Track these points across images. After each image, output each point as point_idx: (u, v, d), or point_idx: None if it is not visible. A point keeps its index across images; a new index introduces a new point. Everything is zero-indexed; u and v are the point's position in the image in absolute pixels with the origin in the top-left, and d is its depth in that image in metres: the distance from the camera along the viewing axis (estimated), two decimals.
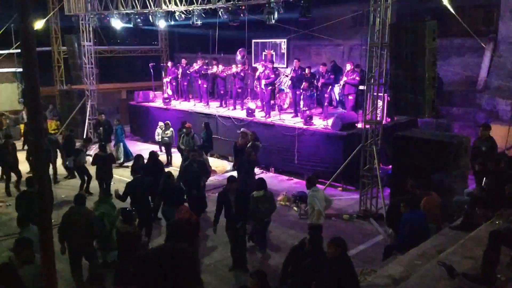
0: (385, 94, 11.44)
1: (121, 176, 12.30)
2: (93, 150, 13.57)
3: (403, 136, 10.17)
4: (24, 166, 11.96)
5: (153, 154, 10.28)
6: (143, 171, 9.34)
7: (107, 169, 10.99)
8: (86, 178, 11.59)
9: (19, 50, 13.65)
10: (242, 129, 12.35)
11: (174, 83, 17.83)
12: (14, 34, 15.96)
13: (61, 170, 12.98)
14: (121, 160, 14.38)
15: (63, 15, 18.54)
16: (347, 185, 11.95)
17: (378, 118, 10.80)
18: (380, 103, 11.11)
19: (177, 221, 6.95)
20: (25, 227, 6.62)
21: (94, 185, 11.40)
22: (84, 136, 12.73)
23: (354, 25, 16.12)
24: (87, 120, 17.94)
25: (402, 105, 9.15)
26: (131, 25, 16.31)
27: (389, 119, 12.72)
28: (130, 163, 12.28)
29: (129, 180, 9.00)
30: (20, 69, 17.54)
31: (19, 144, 14.50)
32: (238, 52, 16.79)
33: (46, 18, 18.60)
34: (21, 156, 12.42)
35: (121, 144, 14.66)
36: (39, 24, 16.13)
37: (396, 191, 9.49)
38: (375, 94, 10.28)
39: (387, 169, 11.71)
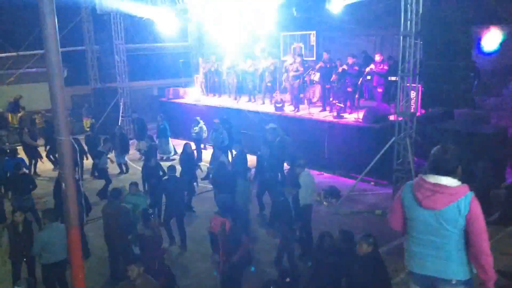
0: (418, 85, 11.09)
1: None
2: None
3: (438, 128, 9.83)
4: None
5: (185, 147, 10.75)
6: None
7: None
8: (105, 181, 11.53)
9: None
10: (271, 124, 12.25)
11: (204, 79, 17.90)
12: None
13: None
14: (172, 154, 14.65)
15: (96, 14, 18.91)
16: (380, 180, 11.66)
17: (412, 110, 10.46)
18: (413, 94, 10.76)
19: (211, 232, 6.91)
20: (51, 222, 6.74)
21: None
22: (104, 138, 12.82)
23: (387, 14, 15.65)
24: (120, 118, 18.27)
25: (437, 96, 8.87)
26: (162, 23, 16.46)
27: (423, 111, 12.32)
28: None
29: (164, 179, 9.12)
30: None
31: None
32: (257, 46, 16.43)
33: (79, 18, 19.05)
34: None
35: (169, 138, 14.93)
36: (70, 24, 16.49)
37: None
38: (408, 85, 9.96)
39: (421, 162, 11.34)
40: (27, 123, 17.19)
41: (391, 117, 11.65)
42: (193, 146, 14.83)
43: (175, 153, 14.81)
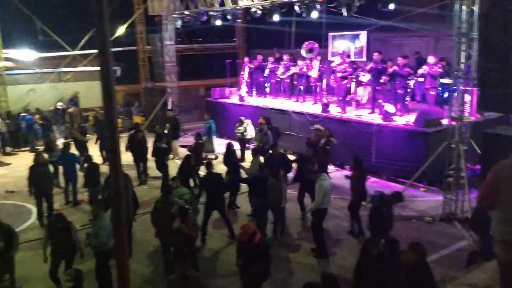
0: (474, 89, 10.59)
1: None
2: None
3: (493, 134, 9.34)
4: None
5: (228, 146, 10.94)
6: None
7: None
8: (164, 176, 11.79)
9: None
10: (316, 125, 12.10)
11: (249, 80, 17.98)
12: None
13: None
14: (215, 152, 14.89)
15: (148, 15, 19.49)
16: (430, 186, 11.24)
17: (466, 114, 10.00)
18: (468, 98, 10.28)
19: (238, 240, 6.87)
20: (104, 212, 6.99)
21: None
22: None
23: (441, 14, 15.09)
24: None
25: (492, 100, 8.45)
26: (210, 23, 16.67)
27: (478, 115, 11.76)
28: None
29: (203, 176, 9.22)
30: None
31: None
32: (306, 46, 16.22)
33: (132, 19, 19.69)
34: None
35: (213, 137, 15.16)
36: (122, 28, 17.01)
37: None
38: (463, 88, 9.53)
39: (475, 169, 10.84)
40: (77, 119, 17.92)
41: (444, 121, 11.24)
42: (237, 146, 15.02)
43: (218, 152, 14.93)
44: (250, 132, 14.21)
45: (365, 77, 14.02)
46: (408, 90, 12.98)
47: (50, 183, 10.19)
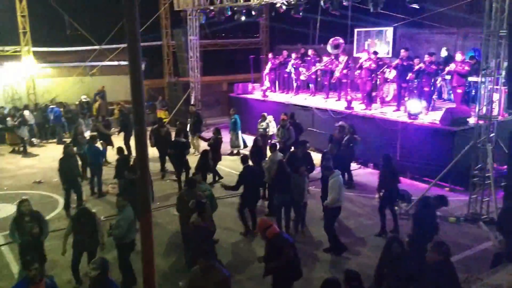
0: (502, 87, 10.34)
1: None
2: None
3: None
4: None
5: (256, 141, 11.22)
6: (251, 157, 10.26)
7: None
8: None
9: None
10: (340, 122, 12.01)
11: (272, 75, 17.95)
12: None
13: None
14: (241, 147, 14.97)
15: (173, 10, 19.63)
16: (455, 186, 11.04)
17: (494, 113, 9.78)
18: (496, 96, 10.05)
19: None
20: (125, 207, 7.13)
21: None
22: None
23: (470, 11, 14.76)
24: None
25: None
26: (234, 19, 16.70)
27: (505, 114, 11.48)
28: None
29: (241, 170, 9.25)
30: None
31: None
32: (332, 42, 16.06)
33: (157, 14, 19.86)
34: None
35: (239, 132, 15.16)
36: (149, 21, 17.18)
37: (511, 194, 8.55)
38: (491, 86, 9.32)
39: (501, 169, 10.59)
40: (103, 112, 18.21)
41: (471, 120, 11.04)
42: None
43: (245, 147, 15.03)
44: (272, 128, 14.20)
45: (391, 74, 13.83)
46: (435, 88, 12.74)
47: (79, 175, 10.45)
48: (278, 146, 12.43)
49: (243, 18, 16.38)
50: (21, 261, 6.40)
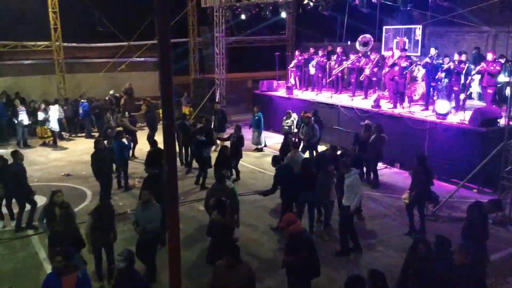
0: None
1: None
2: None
3: None
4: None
5: (286, 136, 11.59)
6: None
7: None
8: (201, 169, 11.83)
9: None
10: (366, 121, 11.88)
11: (298, 73, 17.88)
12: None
13: None
14: (262, 145, 15.01)
15: (200, 7, 19.76)
16: (484, 187, 10.79)
17: None
18: None
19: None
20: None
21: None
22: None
23: (502, 10, 14.35)
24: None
25: None
26: (260, 16, 16.70)
27: None
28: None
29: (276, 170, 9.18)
30: None
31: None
32: (361, 40, 15.80)
33: (184, 11, 20.03)
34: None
35: (262, 130, 15.10)
36: (176, 18, 17.35)
37: None
38: None
39: None
40: (128, 108, 18.49)
41: (501, 121, 10.76)
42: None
43: (265, 145, 15.08)
44: (297, 126, 14.19)
45: (420, 73, 13.58)
46: (464, 87, 12.46)
47: (109, 169, 10.67)
48: (301, 145, 12.47)
49: (269, 15, 16.37)
50: (48, 252, 6.59)
